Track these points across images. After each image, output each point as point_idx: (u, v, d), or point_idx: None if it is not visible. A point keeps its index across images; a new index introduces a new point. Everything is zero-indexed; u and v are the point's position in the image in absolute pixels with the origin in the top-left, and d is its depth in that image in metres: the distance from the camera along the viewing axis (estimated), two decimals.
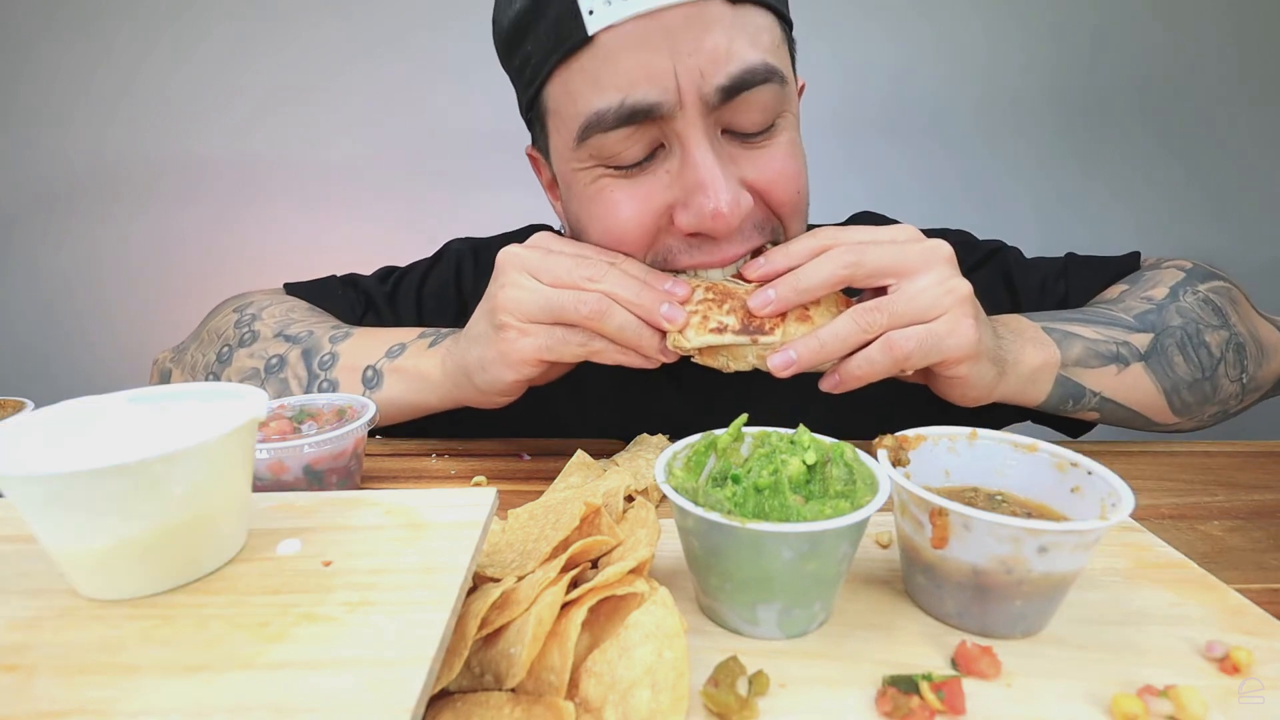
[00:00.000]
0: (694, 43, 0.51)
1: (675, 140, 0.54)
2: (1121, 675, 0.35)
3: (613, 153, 0.55)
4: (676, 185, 0.55)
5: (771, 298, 0.52)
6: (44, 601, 0.32)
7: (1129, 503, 0.37)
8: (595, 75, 0.53)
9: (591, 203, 0.58)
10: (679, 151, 0.55)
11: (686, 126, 0.53)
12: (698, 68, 0.51)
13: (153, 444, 0.30)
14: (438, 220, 1.60)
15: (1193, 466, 0.67)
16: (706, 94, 0.52)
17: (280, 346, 0.68)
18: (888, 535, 0.49)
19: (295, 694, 0.25)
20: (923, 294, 0.52)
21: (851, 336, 0.52)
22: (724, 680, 0.33)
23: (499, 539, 0.43)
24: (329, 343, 0.67)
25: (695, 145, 0.53)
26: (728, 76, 0.52)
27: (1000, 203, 1.61)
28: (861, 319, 0.52)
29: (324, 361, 0.65)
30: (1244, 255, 1.70)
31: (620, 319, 0.54)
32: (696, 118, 0.53)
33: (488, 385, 0.59)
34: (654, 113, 0.52)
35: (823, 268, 0.52)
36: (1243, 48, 1.57)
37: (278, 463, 0.53)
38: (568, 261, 0.55)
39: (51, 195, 1.61)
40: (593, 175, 0.57)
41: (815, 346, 0.52)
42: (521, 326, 0.55)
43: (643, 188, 0.56)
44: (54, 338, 1.69)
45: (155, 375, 0.78)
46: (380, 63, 1.54)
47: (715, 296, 0.55)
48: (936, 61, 1.54)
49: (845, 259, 0.52)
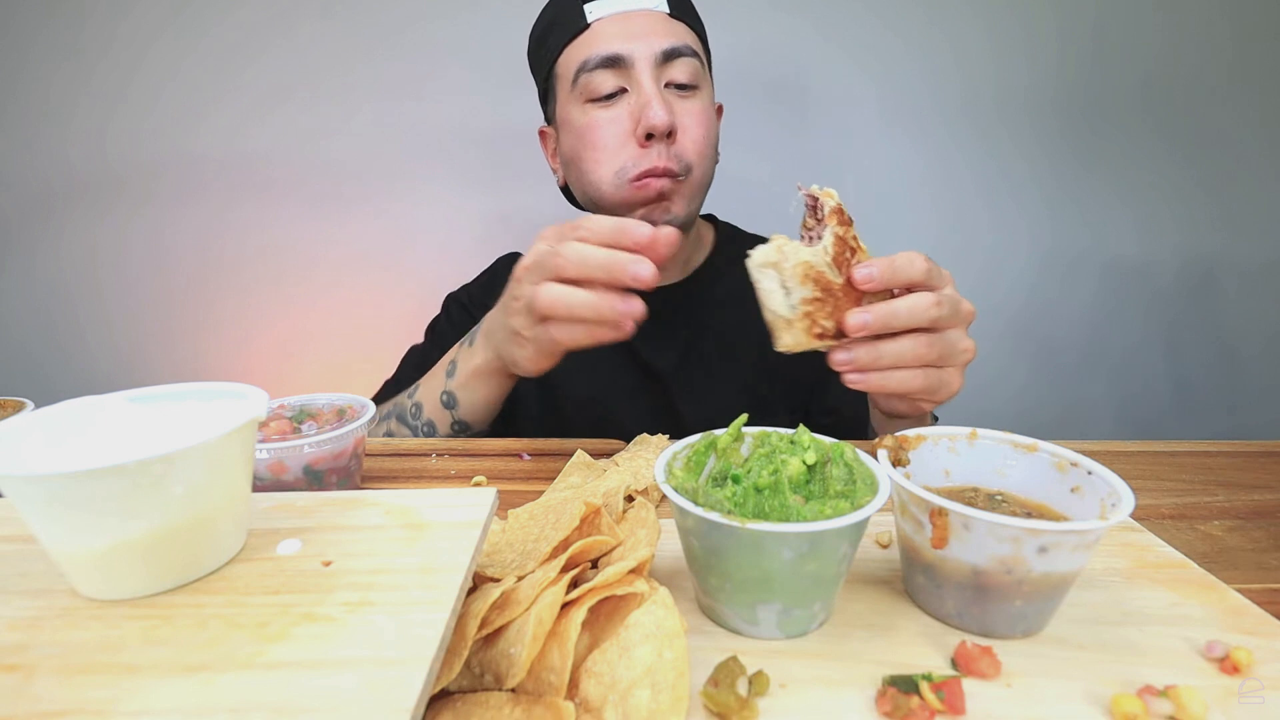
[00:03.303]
0: (649, 30, 0.82)
1: (634, 83, 0.82)
2: (1121, 675, 0.35)
3: (594, 87, 0.82)
4: (636, 109, 0.81)
5: (869, 322, 0.55)
6: (44, 601, 0.32)
7: (1129, 503, 0.37)
8: (588, 44, 0.83)
9: (584, 127, 0.84)
10: (636, 89, 0.82)
11: (641, 73, 0.81)
12: (650, 41, 0.82)
13: (153, 444, 0.30)
14: (437, 219, 1.60)
15: (1193, 466, 0.67)
16: (655, 54, 0.81)
17: (388, 423, 0.83)
18: (888, 535, 0.49)
19: (295, 694, 0.25)
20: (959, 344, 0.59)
21: (906, 356, 0.56)
22: (724, 680, 0.33)
23: (499, 539, 0.43)
24: (408, 398, 0.82)
25: (645, 82, 0.81)
26: (669, 44, 0.82)
27: (1000, 202, 1.61)
28: (923, 349, 0.56)
29: (413, 413, 0.80)
30: (1244, 255, 1.70)
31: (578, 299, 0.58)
32: (648, 68, 0.81)
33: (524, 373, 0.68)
34: (620, 62, 0.81)
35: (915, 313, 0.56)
36: (1245, 47, 1.57)
37: (278, 463, 0.53)
38: (541, 246, 0.61)
39: (50, 195, 1.60)
40: (582, 109, 0.84)
41: (871, 356, 0.56)
42: (521, 336, 0.63)
43: (614, 111, 0.83)
44: (53, 338, 1.69)
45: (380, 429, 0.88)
46: (380, 62, 1.54)
47: (820, 295, 0.54)
48: (936, 60, 1.53)
49: (932, 314, 0.56)
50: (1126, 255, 1.70)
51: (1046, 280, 1.69)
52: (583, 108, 0.84)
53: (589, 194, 0.87)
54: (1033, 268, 1.67)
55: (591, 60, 0.81)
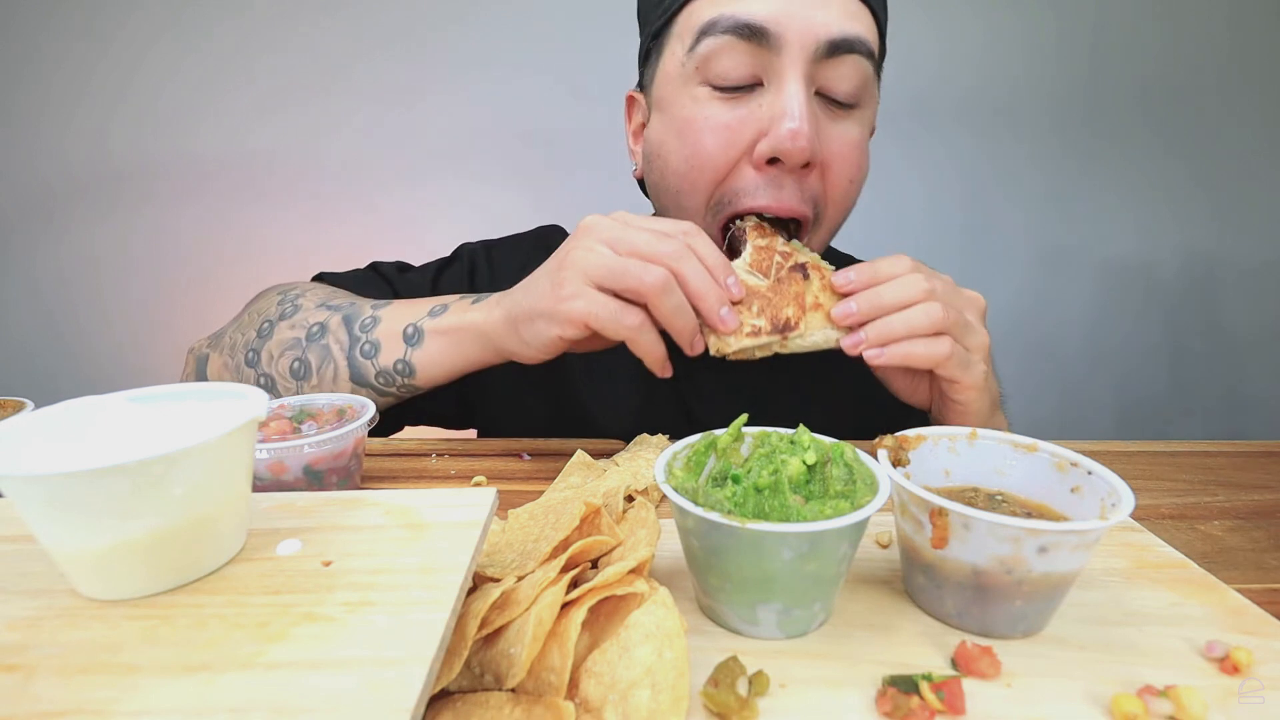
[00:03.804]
0: (820, 4, 0.59)
1: (774, 76, 0.61)
2: (1121, 675, 0.35)
3: (717, 67, 0.61)
4: (765, 116, 0.61)
5: (854, 310, 0.56)
6: (44, 601, 0.32)
7: (1129, 503, 0.37)
8: (725, 2, 0.60)
9: (687, 121, 0.63)
10: (775, 87, 0.61)
11: (789, 65, 0.60)
12: (815, 20, 0.59)
13: (153, 444, 0.30)
14: (437, 219, 1.60)
15: (1193, 466, 0.67)
16: (818, 42, 0.59)
17: (322, 315, 0.68)
18: (888, 535, 0.49)
19: (295, 694, 0.25)
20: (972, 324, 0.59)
21: (918, 321, 0.56)
22: (724, 680, 0.33)
23: (499, 539, 0.43)
24: (370, 308, 0.67)
25: (791, 80, 0.60)
26: (841, 33, 0.59)
27: (1000, 202, 1.61)
28: (935, 313, 0.56)
29: (365, 324, 0.65)
30: (1243, 255, 1.70)
31: (678, 301, 0.54)
32: (800, 60, 0.59)
33: (532, 337, 0.58)
34: (762, 37, 0.59)
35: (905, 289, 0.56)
36: (1243, 48, 1.57)
37: (278, 463, 0.53)
38: (646, 235, 0.55)
39: (51, 195, 1.61)
40: (693, 93, 0.63)
41: (884, 328, 0.56)
42: (578, 288, 0.55)
43: (738, 111, 0.62)
44: (54, 338, 1.69)
45: (191, 364, 0.75)
46: (380, 62, 1.54)
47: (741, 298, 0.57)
48: (937, 61, 1.54)
49: (924, 286, 0.56)
50: (1126, 255, 1.70)
51: (1046, 280, 1.69)
52: (693, 91, 0.63)
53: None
54: (1032, 268, 1.68)
55: (724, 21, 0.60)
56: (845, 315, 0.56)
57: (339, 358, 0.65)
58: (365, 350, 0.65)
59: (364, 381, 0.66)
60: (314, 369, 0.66)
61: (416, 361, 0.63)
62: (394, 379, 0.65)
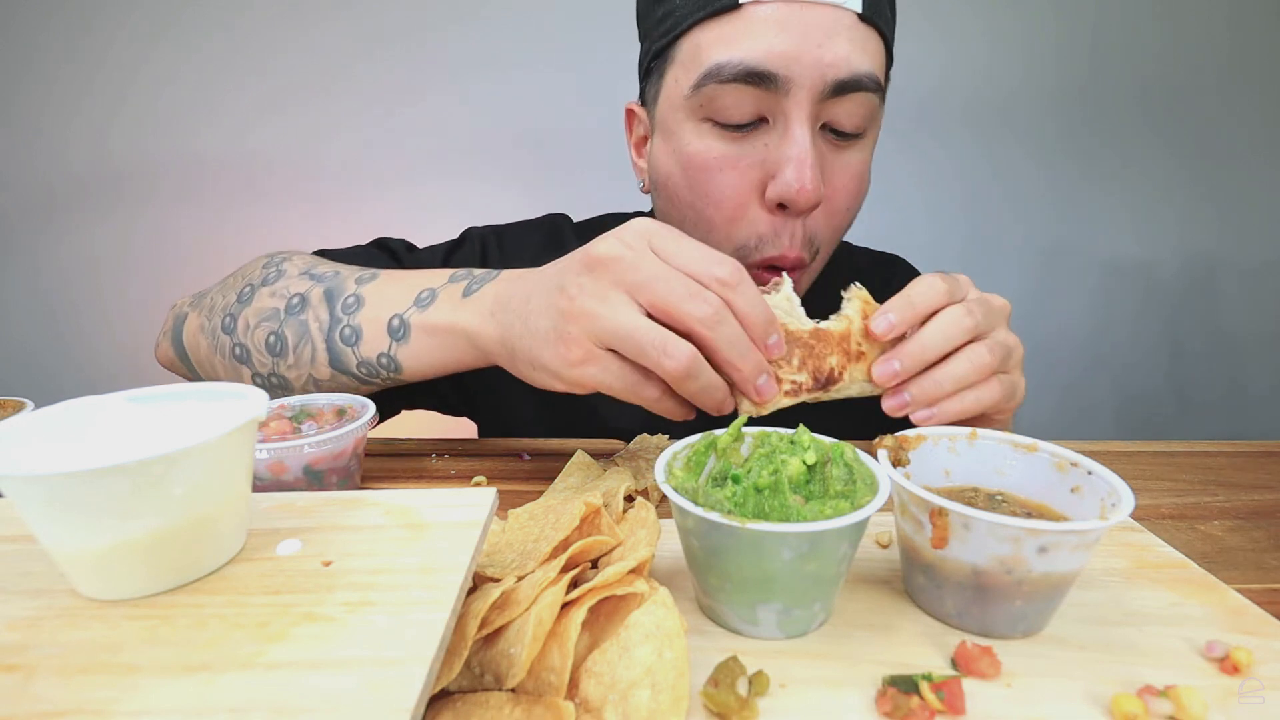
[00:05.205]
0: (826, 39, 0.57)
1: (780, 116, 0.60)
2: (1121, 675, 0.35)
3: (721, 107, 0.60)
4: (771, 158, 0.61)
5: (897, 369, 0.50)
6: (44, 601, 0.32)
7: (1129, 503, 0.37)
8: (730, 38, 0.58)
9: (695, 161, 0.63)
10: (781, 127, 0.60)
11: (795, 106, 0.59)
12: (823, 60, 0.58)
13: (153, 444, 0.30)
14: (437, 219, 1.60)
15: (1193, 466, 0.67)
16: (825, 84, 0.58)
17: (303, 284, 0.64)
18: (888, 535, 0.49)
19: (295, 694, 0.25)
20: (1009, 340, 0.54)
21: (966, 372, 0.51)
22: (724, 680, 0.33)
23: (499, 539, 0.43)
24: (354, 284, 0.62)
25: (798, 123, 0.59)
26: (848, 73, 0.58)
27: (1000, 202, 1.61)
28: (984, 356, 0.51)
29: (348, 304, 0.61)
30: (1243, 255, 1.70)
31: (705, 382, 0.47)
32: (806, 101, 0.59)
33: (536, 381, 0.54)
34: (769, 82, 0.58)
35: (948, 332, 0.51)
36: (1243, 48, 1.57)
37: (278, 463, 0.53)
38: (677, 287, 0.46)
39: (51, 195, 1.61)
40: (698, 128, 0.62)
41: (932, 387, 0.51)
42: (588, 352, 0.48)
43: (743, 148, 0.61)
44: (54, 337, 1.69)
45: (170, 321, 0.72)
46: (380, 63, 1.54)
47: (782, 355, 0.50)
48: (937, 61, 1.54)
49: (967, 324, 0.51)
50: (1125, 255, 1.70)
51: (1046, 280, 1.69)
52: (698, 127, 0.62)
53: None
54: (1032, 268, 1.68)
55: (728, 68, 0.58)
56: (892, 376, 0.50)
57: (317, 339, 0.62)
58: (345, 336, 0.61)
59: (345, 369, 0.62)
60: (290, 347, 0.63)
61: (403, 359, 0.60)
62: (378, 371, 0.62)
